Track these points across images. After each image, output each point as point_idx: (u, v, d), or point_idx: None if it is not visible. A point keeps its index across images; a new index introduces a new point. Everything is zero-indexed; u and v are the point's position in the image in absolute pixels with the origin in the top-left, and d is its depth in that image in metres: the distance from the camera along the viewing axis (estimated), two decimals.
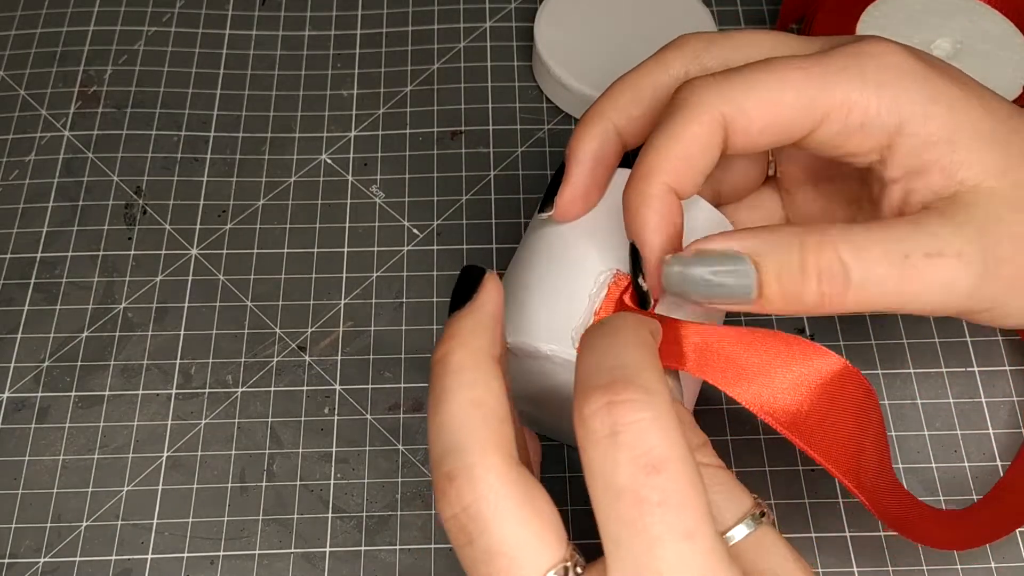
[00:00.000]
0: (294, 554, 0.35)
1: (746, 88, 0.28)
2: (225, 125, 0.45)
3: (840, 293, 0.26)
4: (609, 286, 0.30)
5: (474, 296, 0.26)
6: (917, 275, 0.27)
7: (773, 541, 0.25)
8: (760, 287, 0.26)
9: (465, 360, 0.25)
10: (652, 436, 0.21)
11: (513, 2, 0.49)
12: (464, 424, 0.24)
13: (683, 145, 0.28)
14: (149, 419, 0.38)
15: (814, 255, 0.26)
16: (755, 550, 0.25)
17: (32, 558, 0.35)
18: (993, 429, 0.38)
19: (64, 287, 0.41)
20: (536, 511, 0.23)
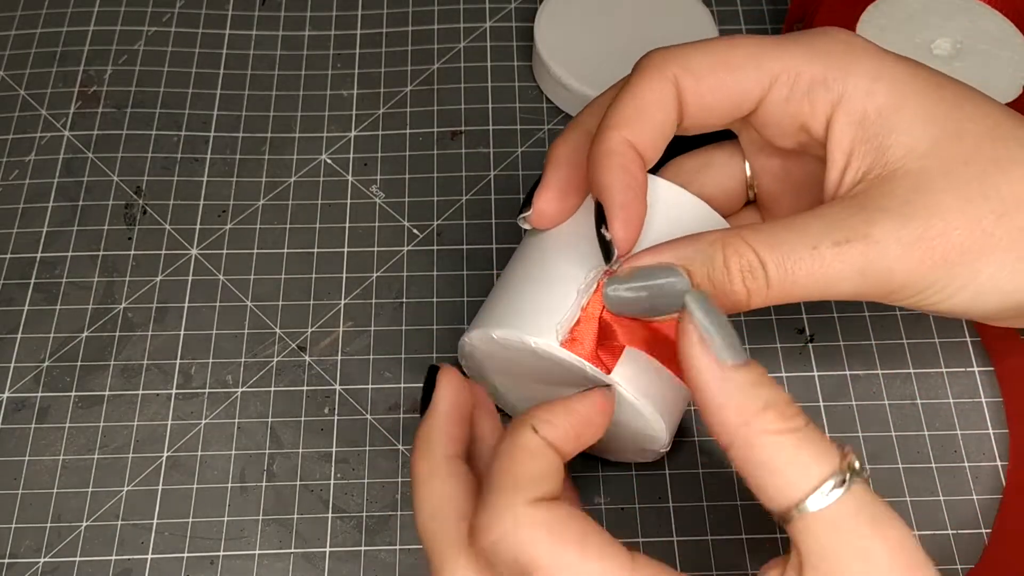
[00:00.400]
0: (294, 554, 0.35)
1: (697, 50, 0.30)
2: (225, 125, 0.45)
3: (762, 288, 0.28)
4: (598, 283, 0.30)
5: (431, 400, 0.30)
6: (827, 264, 0.27)
7: (853, 515, 0.24)
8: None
9: (422, 470, 0.28)
10: (507, 552, 0.25)
11: (513, 2, 0.49)
12: (428, 532, 0.28)
13: (637, 101, 0.29)
14: (149, 419, 0.38)
15: (735, 256, 0.28)
16: (827, 528, 0.24)
17: (32, 558, 0.35)
18: (993, 429, 0.38)
19: (64, 287, 0.41)
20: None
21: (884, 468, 0.37)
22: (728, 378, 0.25)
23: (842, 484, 0.24)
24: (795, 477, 0.24)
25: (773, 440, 0.24)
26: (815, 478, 0.24)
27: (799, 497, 0.24)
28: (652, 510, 0.36)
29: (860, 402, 0.38)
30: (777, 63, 0.29)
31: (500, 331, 0.30)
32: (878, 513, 0.24)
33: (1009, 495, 0.36)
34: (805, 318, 0.40)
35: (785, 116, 0.30)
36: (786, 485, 0.24)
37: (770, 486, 0.24)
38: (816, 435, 0.25)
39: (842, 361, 0.39)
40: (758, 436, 0.24)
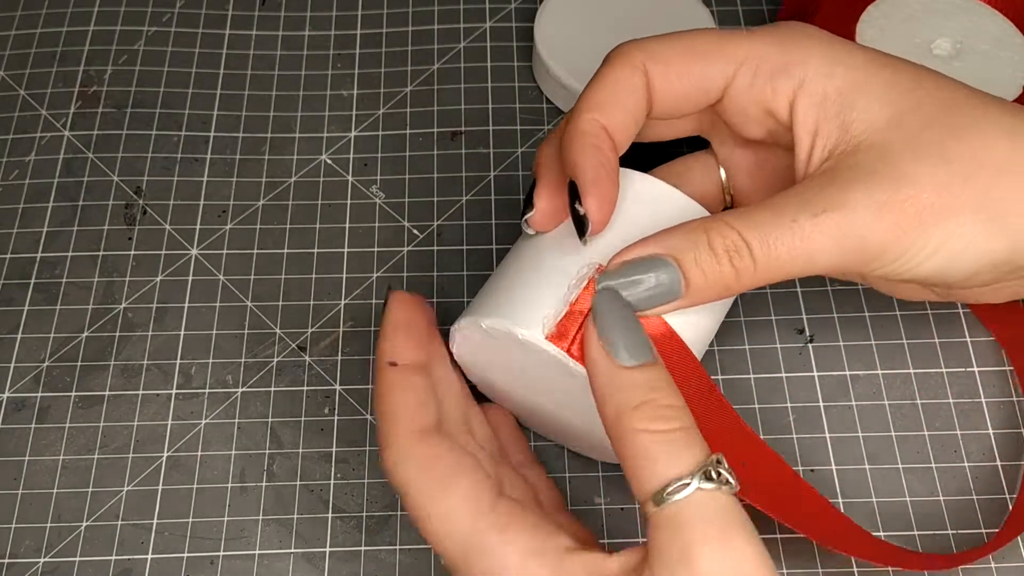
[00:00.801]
0: (294, 554, 0.35)
1: (664, 40, 0.32)
2: (225, 125, 0.45)
3: (750, 267, 0.28)
4: (589, 279, 0.30)
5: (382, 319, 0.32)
6: (807, 236, 0.28)
7: (697, 517, 0.24)
8: (686, 280, 0.29)
9: (378, 380, 0.31)
10: (395, 476, 0.29)
11: (513, 2, 0.49)
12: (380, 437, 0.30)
13: (608, 85, 0.31)
14: (149, 419, 0.38)
15: (719, 238, 0.28)
16: (666, 525, 0.25)
17: (32, 558, 0.35)
18: (993, 429, 0.38)
19: (64, 287, 0.41)
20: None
21: (884, 468, 0.37)
22: (614, 376, 0.27)
23: (682, 489, 0.25)
24: (650, 473, 0.25)
25: (638, 439, 0.26)
26: (661, 479, 0.25)
27: (650, 491, 0.25)
28: None
29: (860, 402, 0.38)
30: (740, 51, 0.31)
31: (489, 320, 0.31)
32: (710, 523, 0.24)
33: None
34: (805, 318, 0.40)
35: (750, 102, 0.31)
36: (642, 479, 0.25)
37: (632, 480, 0.26)
38: (682, 440, 0.26)
39: (842, 361, 0.39)
40: (627, 432, 0.26)
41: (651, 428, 0.26)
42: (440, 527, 0.27)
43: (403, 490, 0.28)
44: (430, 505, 0.28)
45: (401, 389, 0.30)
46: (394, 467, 0.28)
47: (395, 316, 0.31)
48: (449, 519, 0.27)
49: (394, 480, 0.29)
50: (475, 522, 0.27)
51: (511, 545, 0.26)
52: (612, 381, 0.27)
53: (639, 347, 0.27)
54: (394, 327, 0.31)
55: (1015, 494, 0.36)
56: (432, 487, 0.28)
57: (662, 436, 0.26)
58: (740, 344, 0.39)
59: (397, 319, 0.31)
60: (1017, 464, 0.37)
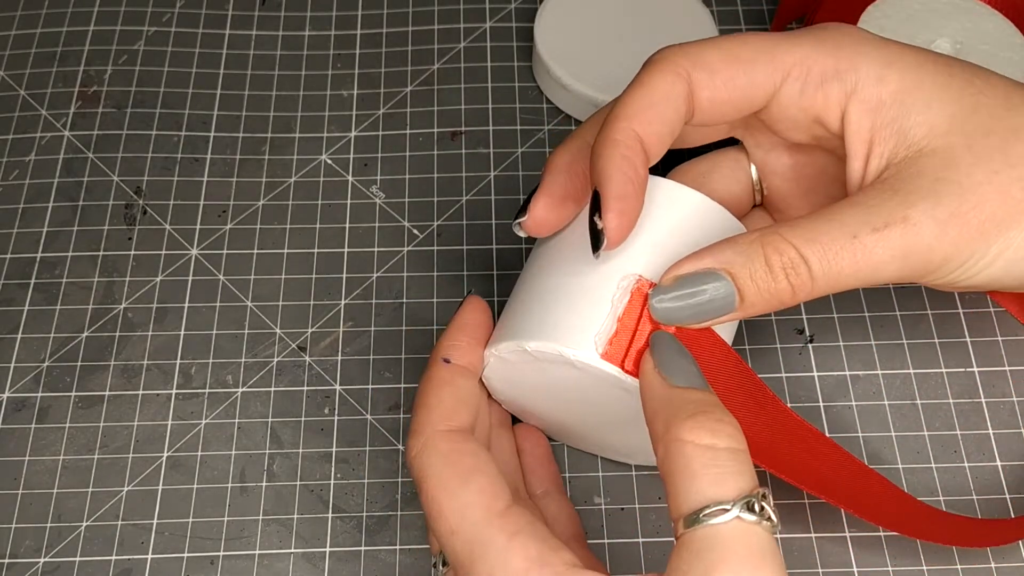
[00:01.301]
0: (294, 554, 0.35)
1: (709, 45, 0.30)
2: (225, 125, 0.45)
3: (807, 283, 0.28)
4: (632, 291, 0.29)
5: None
6: (868, 251, 0.27)
7: (722, 542, 0.23)
8: (741, 294, 0.28)
9: (425, 375, 0.31)
10: (415, 467, 0.29)
11: (513, 2, 0.49)
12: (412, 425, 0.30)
13: (647, 94, 0.29)
14: (149, 419, 0.38)
15: (775, 254, 0.28)
16: (695, 543, 0.24)
17: (32, 558, 0.35)
18: (993, 429, 0.38)
19: (64, 287, 0.41)
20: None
21: (884, 468, 0.37)
22: (667, 391, 0.26)
23: (721, 514, 0.23)
24: (686, 492, 0.24)
25: (684, 450, 0.25)
26: (701, 499, 0.24)
27: (683, 512, 0.24)
28: (652, 510, 0.36)
29: (860, 402, 0.38)
30: (789, 57, 0.29)
31: (535, 343, 0.30)
32: (744, 557, 0.23)
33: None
34: (805, 318, 0.40)
35: (799, 110, 0.30)
36: (678, 497, 0.24)
37: (670, 496, 0.25)
38: (730, 462, 0.24)
39: (842, 361, 0.39)
40: (673, 442, 0.25)
41: (699, 441, 0.25)
42: (451, 522, 0.27)
43: (421, 481, 0.28)
44: (445, 498, 0.27)
45: (446, 385, 0.30)
46: (417, 456, 0.28)
47: (464, 318, 0.31)
48: (461, 515, 0.27)
49: (414, 470, 0.29)
50: (486, 522, 0.27)
51: (518, 550, 0.26)
52: (666, 398, 0.26)
53: (695, 375, 0.27)
54: (459, 328, 0.31)
55: (1015, 494, 0.36)
56: (451, 480, 0.28)
57: (710, 453, 0.24)
58: (740, 344, 0.39)
59: (464, 321, 0.31)
60: (1017, 464, 0.37)
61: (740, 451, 0.25)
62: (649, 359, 0.28)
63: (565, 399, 0.32)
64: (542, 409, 0.34)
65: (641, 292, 0.29)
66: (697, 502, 0.24)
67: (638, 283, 0.29)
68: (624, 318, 0.29)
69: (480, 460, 0.28)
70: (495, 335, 0.32)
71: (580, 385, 0.30)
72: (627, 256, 0.30)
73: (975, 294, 0.40)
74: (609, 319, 0.29)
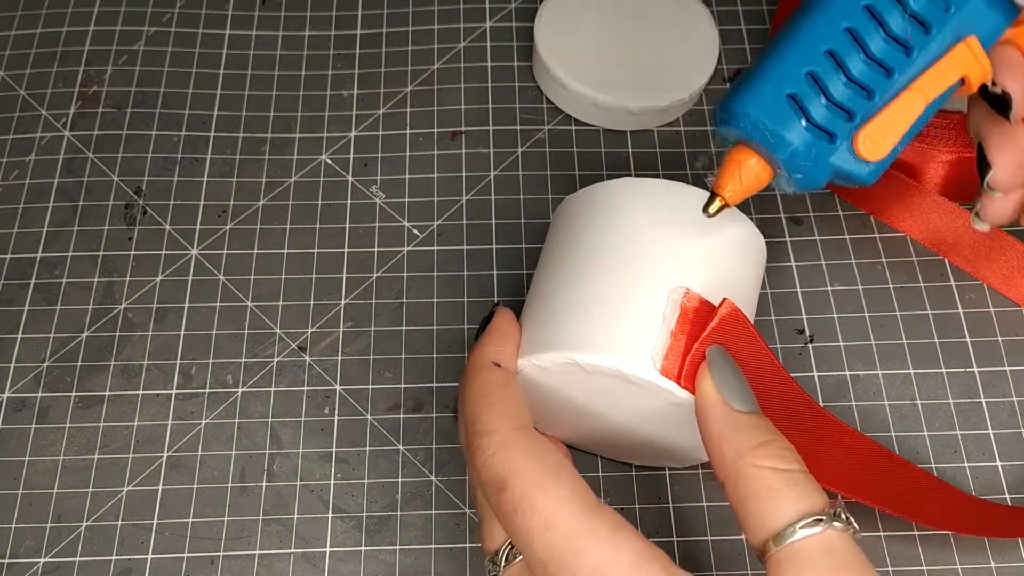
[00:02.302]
0: (294, 554, 0.35)
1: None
2: (225, 125, 0.45)
3: None
4: (682, 305, 0.29)
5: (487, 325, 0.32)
6: None
7: (823, 550, 0.24)
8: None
9: (467, 373, 0.31)
10: (496, 465, 0.27)
11: (513, 2, 0.49)
12: (463, 424, 0.30)
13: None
14: (149, 419, 0.38)
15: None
16: (797, 556, 0.24)
17: (32, 558, 0.35)
18: (993, 429, 0.38)
19: (64, 287, 0.41)
20: None
21: None
22: (731, 416, 0.27)
23: (815, 525, 0.24)
24: (772, 511, 0.25)
25: (761, 474, 0.26)
26: (790, 514, 0.25)
27: (772, 530, 0.25)
28: (652, 510, 0.36)
29: (860, 402, 0.38)
30: None
31: (589, 356, 0.29)
32: (847, 561, 0.24)
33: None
34: (805, 318, 0.40)
35: None
36: (764, 517, 0.25)
37: (752, 517, 0.26)
38: (806, 481, 0.26)
39: (842, 361, 0.39)
40: (748, 468, 0.26)
41: (777, 466, 0.26)
42: (546, 516, 0.26)
43: (508, 477, 0.27)
44: (537, 493, 0.27)
45: (506, 387, 0.30)
46: (495, 454, 0.28)
47: (502, 326, 0.31)
48: (558, 508, 0.26)
49: (494, 467, 0.27)
50: (586, 515, 0.26)
51: (625, 542, 0.26)
52: (731, 424, 0.27)
53: (750, 397, 0.28)
54: (500, 334, 0.31)
55: (1015, 494, 0.36)
56: (542, 475, 0.27)
57: (788, 475, 0.26)
58: None
59: (503, 328, 0.31)
60: (1017, 464, 0.37)
61: (808, 472, 0.26)
62: (707, 378, 0.28)
63: (600, 408, 0.32)
64: (564, 415, 0.34)
65: (689, 306, 0.29)
66: (788, 518, 0.25)
67: (686, 296, 0.29)
68: (676, 332, 0.29)
69: (561, 457, 0.28)
70: (532, 342, 0.31)
71: (625, 397, 0.30)
72: (674, 268, 0.30)
73: (975, 294, 0.40)
74: (663, 334, 0.29)
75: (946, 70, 0.27)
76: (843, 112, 0.27)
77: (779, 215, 0.43)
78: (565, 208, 0.34)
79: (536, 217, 0.42)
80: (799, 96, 0.27)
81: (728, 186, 0.28)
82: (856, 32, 0.27)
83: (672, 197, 0.31)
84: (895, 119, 0.27)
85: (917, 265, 0.41)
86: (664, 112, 0.44)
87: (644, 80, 0.44)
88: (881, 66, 0.27)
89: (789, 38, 0.27)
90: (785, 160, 0.27)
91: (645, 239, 0.31)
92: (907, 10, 0.27)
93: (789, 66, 0.27)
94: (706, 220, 0.30)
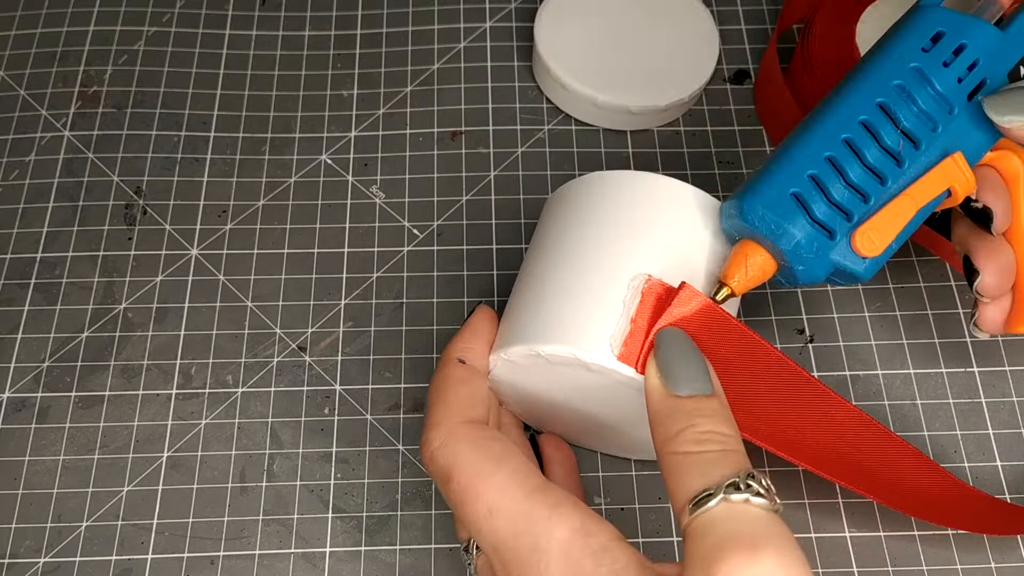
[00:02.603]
0: (294, 554, 0.35)
1: None
2: (225, 125, 0.45)
3: None
4: (643, 291, 0.29)
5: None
6: None
7: (711, 525, 0.24)
8: None
9: (438, 371, 0.32)
10: (440, 457, 0.29)
11: (513, 2, 0.49)
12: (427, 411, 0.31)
13: None
14: (149, 419, 0.38)
15: None
16: (693, 536, 0.24)
17: (32, 558, 0.35)
18: (993, 429, 0.38)
19: (64, 287, 0.41)
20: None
21: None
22: (664, 403, 0.27)
23: (706, 500, 0.24)
24: (681, 485, 0.25)
25: (673, 460, 0.26)
26: (693, 488, 0.25)
27: (681, 504, 0.25)
28: (652, 510, 0.36)
29: (860, 402, 0.38)
30: None
31: (548, 347, 0.29)
32: (736, 535, 0.24)
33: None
34: (805, 318, 0.40)
35: None
36: (674, 492, 0.26)
37: (670, 497, 0.26)
38: (723, 459, 0.26)
39: (842, 361, 0.39)
40: (666, 456, 0.26)
41: (686, 450, 0.26)
42: (489, 502, 0.27)
43: (451, 468, 0.28)
44: (480, 481, 0.27)
45: (462, 383, 0.30)
46: (441, 446, 0.29)
47: (477, 324, 0.32)
48: (499, 493, 0.27)
49: (439, 459, 0.28)
50: (526, 497, 0.27)
51: (562, 520, 0.26)
52: (662, 408, 0.27)
53: (697, 380, 0.27)
54: (472, 332, 0.32)
55: (1015, 494, 0.36)
56: (483, 464, 0.28)
57: (696, 456, 0.26)
58: None
59: (477, 327, 0.32)
60: (1017, 464, 0.37)
61: (729, 451, 0.26)
62: (651, 364, 0.28)
63: (571, 399, 0.32)
64: (545, 408, 0.34)
65: (652, 292, 0.29)
66: (686, 494, 0.25)
67: (648, 283, 0.29)
68: (636, 319, 0.29)
69: (507, 445, 0.28)
70: (502, 338, 0.32)
71: (590, 386, 0.30)
72: (634, 256, 0.30)
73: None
74: (623, 320, 0.29)
75: (935, 180, 0.30)
76: (842, 212, 0.30)
77: None
78: (545, 207, 0.35)
79: (536, 217, 0.42)
80: (802, 195, 0.29)
81: (736, 276, 0.30)
82: (854, 143, 0.30)
83: (636, 186, 0.32)
84: (889, 220, 0.30)
85: (917, 265, 0.41)
86: (664, 112, 0.44)
87: (644, 80, 0.44)
88: (876, 174, 0.30)
89: (795, 144, 0.30)
90: (789, 251, 0.29)
91: (608, 230, 0.31)
92: (899, 127, 0.30)
93: (795, 168, 0.30)
94: (668, 206, 0.31)
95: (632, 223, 0.31)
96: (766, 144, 0.45)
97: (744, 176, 0.44)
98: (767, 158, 0.31)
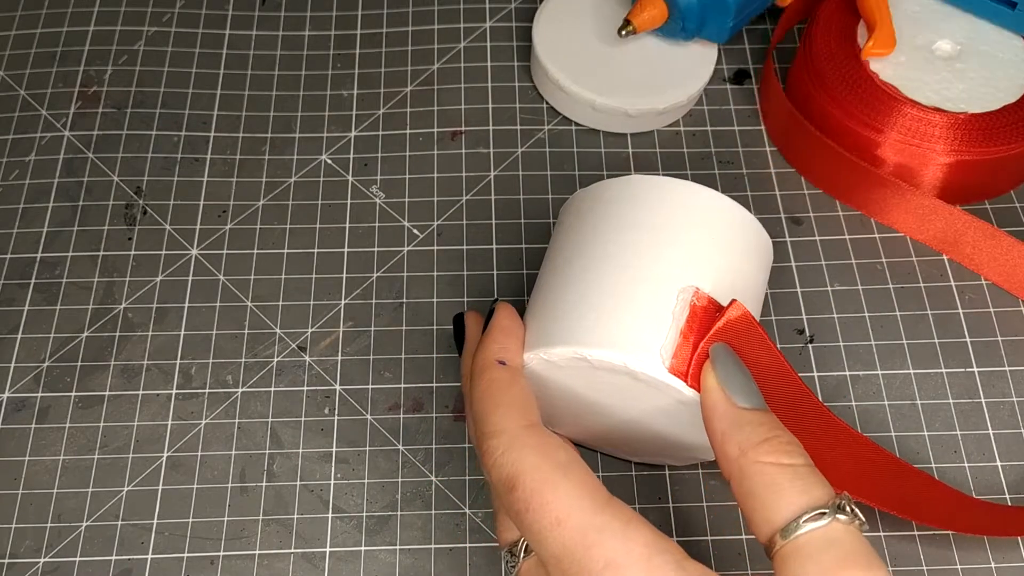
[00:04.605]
0: (294, 554, 0.35)
1: None
2: (225, 125, 0.45)
3: None
4: (691, 304, 0.29)
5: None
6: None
7: (828, 543, 0.24)
8: None
9: (471, 377, 0.31)
10: (506, 464, 0.28)
11: (513, 2, 0.49)
12: (474, 421, 0.30)
13: None
14: (149, 419, 0.38)
15: None
16: (802, 550, 0.24)
17: (32, 558, 0.35)
18: (993, 429, 0.38)
19: (64, 287, 0.41)
20: None
21: None
22: (736, 415, 0.27)
23: (819, 518, 0.25)
24: (777, 506, 0.25)
25: (764, 470, 0.26)
26: (794, 509, 0.25)
27: (777, 526, 0.25)
28: (652, 510, 0.36)
29: (860, 402, 0.38)
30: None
31: (598, 352, 0.29)
32: (853, 553, 0.24)
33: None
34: (805, 318, 0.40)
35: None
36: (768, 513, 0.25)
37: (757, 513, 0.26)
38: (811, 475, 0.26)
39: (842, 361, 0.39)
40: (751, 465, 0.26)
41: (781, 461, 0.26)
42: (558, 512, 0.26)
43: (517, 476, 0.27)
44: (548, 490, 0.27)
45: (512, 385, 0.30)
46: (505, 453, 0.28)
47: (503, 321, 0.31)
48: (569, 504, 0.26)
49: (504, 467, 0.28)
50: (598, 509, 0.26)
51: (636, 535, 0.26)
52: (735, 421, 0.27)
53: (755, 394, 0.28)
54: (501, 330, 0.31)
55: (1015, 494, 0.36)
56: (552, 472, 0.27)
57: (791, 470, 0.26)
58: None
59: (504, 324, 0.31)
60: (1017, 464, 0.37)
61: (813, 466, 0.26)
62: (711, 374, 0.28)
63: (601, 402, 0.32)
64: (564, 408, 0.34)
65: (699, 305, 0.29)
66: (793, 512, 0.25)
67: (696, 296, 0.29)
68: (685, 331, 0.29)
69: (571, 453, 0.28)
70: (540, 336, 0.31)
71: (631, 393, 0.30)
72: (683, 267, 0.30)
73: (975, 294, 0.41)
74: (672, 332, 0.29)
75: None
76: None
77: (779, 215, 0.43)
78: (574, 203, 0.34)
79: (536, 217, 0.42)
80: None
81: (638, 16, 0.42)
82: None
83: (685, 196, 0.31)
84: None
85: (917, 265, 0.41)
86: (662, 115, 0.44)
87: (642, 82, 0.44)
88: None
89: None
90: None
91: (657, 237, 0.31)
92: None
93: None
94: (717, 219, 0.31)
95: (681, 233, 0.31)
96: (766, 144, 0.45)
97: (744, 176, 0.44)
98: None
